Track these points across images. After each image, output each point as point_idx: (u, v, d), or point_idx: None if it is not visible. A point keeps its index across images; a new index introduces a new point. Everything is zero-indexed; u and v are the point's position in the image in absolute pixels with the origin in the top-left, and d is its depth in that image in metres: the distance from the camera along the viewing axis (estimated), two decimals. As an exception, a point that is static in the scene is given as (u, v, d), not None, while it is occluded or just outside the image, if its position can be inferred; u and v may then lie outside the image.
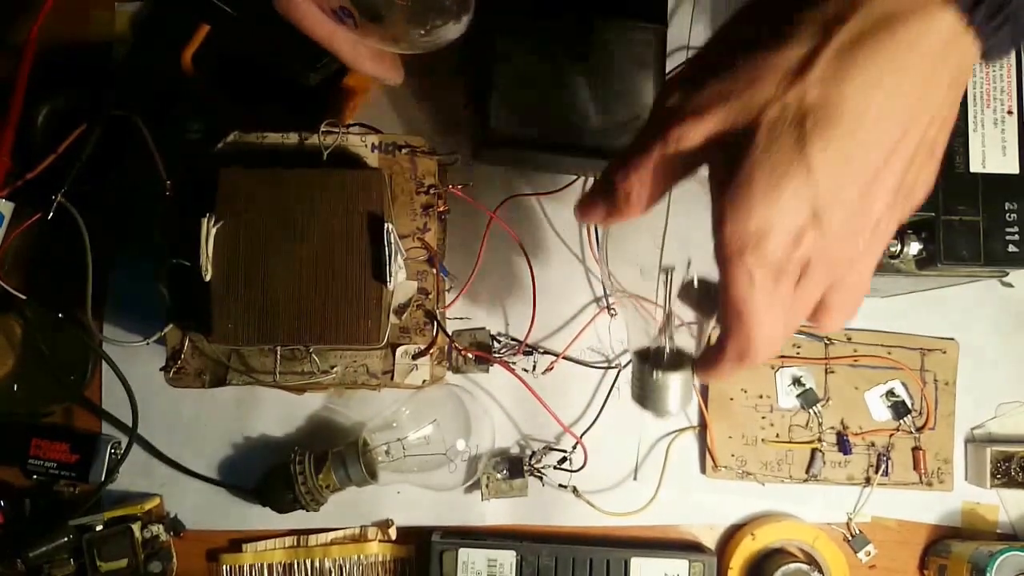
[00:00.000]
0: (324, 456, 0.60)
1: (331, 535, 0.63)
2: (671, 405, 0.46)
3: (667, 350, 0.47)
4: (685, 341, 0.47)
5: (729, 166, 0.34)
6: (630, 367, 0.51)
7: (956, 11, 0.31)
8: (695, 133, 0.35)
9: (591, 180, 0.64)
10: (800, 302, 0.35)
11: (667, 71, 0.61)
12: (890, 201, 0.34)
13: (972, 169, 0.50)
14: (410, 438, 0.60)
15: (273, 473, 0.61)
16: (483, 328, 0.64)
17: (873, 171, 0.33)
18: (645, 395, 0.47)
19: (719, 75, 0.34)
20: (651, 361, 0.47)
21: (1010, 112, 0.51)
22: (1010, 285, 0.65)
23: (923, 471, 0.64)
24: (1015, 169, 0.50)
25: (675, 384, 0.46)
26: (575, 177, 0.64)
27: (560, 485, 0.63)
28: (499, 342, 0.63)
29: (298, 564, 0.63)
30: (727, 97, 0.34)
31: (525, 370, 0.63)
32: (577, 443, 0.62)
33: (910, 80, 0.32)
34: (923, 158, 0.34)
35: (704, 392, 0.64)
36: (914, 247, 0.51)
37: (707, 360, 0.40)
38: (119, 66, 0.66)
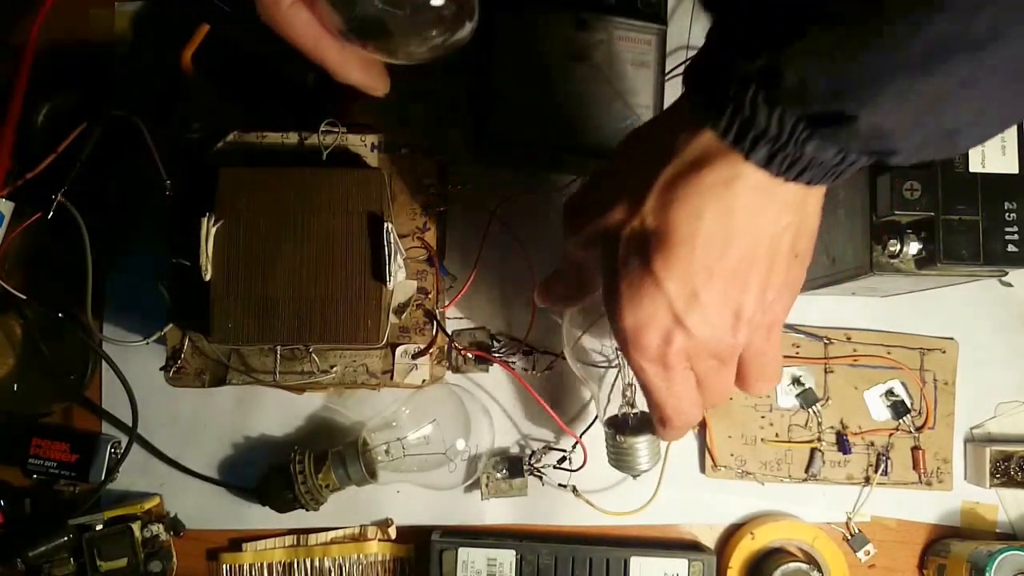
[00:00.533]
0: (324, 456, 0.60)
1: (331, 534, 0.63)
2: (642, 465, 0.56)
3: (631, 417, 0.56)
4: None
5: (606, 279, 0.41)
6: (603, 435, 0.58)
7: (755, 166, 0.35)
8: (574, 248, 0.44)
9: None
10: (709, 381, 0.42)
11: (667, 71, 0.61)
12: (759, 300, 0.39)
13: (972, 169, 0.50)
14: (410, 438, 0.60)
15: (273, 472, 0.61)
16: (483, 328, 0.64)
17: (722, 281, 0.38)
18: (618, 458, 0.56)
19: (591, 202, 0.42)
20: (618, 428, 0.56)
21: (1009, 112, 0.51)
22: (1009, 284, 0.65)
23: (922, 471, 0.64)
24: (1015, 169, 0.50)
25: (642, 446, 0.55)
26: (575, 177, 0.64)
27: (560, 484, 0.63)
28: (498, 342, 0.63)
29: (298, 563, 0.63)
30: (592, 221, 0.41)
31: (525, 370, 0.63)
32: (577, 442, 0.62)
33: (735, 208, 0.36)
34: (784, 263, 0.39)
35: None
36: (914, 247, 0.51)
37: (652, 426, 0.49)
38: (119, 66, 0.66)
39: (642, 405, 0.56)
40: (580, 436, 0.62)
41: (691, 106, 0.36)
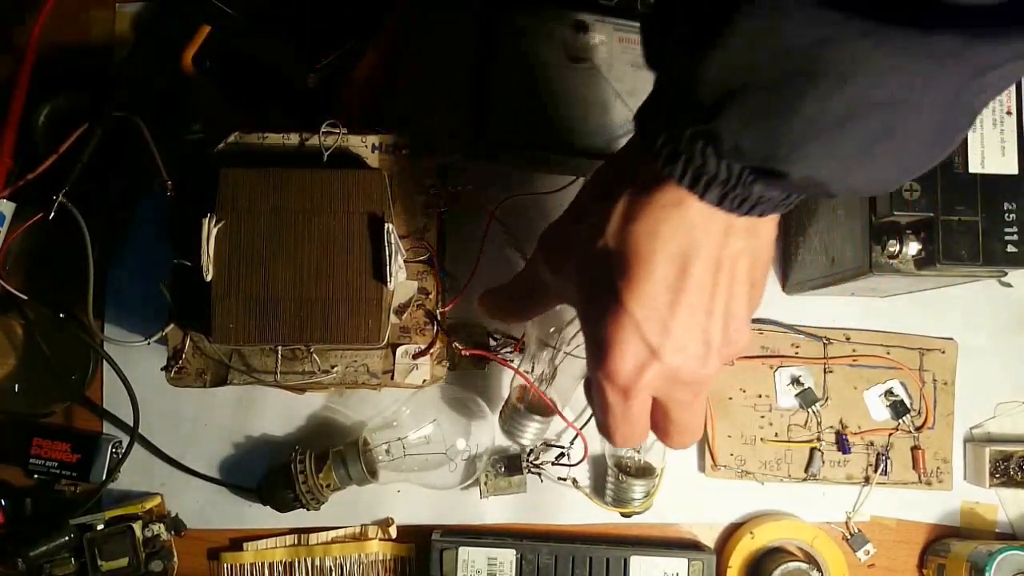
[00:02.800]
0: (325, 455, 0.60)
1: (332, 534, 0.64)
2: (635, 502, 0.61)
3: (638, 462, 0.62)
4: (654, 456, 0.62)
5: (580, 304, 0.42)
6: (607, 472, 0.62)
7: (699, 200, 0.37)
8: (542, 271, 0.45)
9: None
10: (679, 415, 0.43)
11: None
12: (724, 329, 0.40)
13: (971, 169, 0.50)
14: (410, 437, 0.60)
15: (274, 472, 0.61)
16: (479, 326, 0.64)
17: (687, 308, 0.39)
18: (618, 495, 0.61)
19: (562, 230, 0.44)
20: (623, 469, 0.61)
21: (1009, 112, 0.51)
22: (1009, 285, 0.65)
23: (922, 470, 0.64)
24: (1014, 170, 0.51)
25: (638, 487, 0.61)
26: (574, 177, 0.64)
27: (559, 478, 0.63)
28: (496, 340, 0.63)
29: (299, 563, 0.63)
30: (565, 246, 0.43)
31: (526, 370, 0.63)
32: (577, 435, 0.62)
33: (690, 227, 0.38)
34: (743, 291, 0.40)
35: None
36: (913, 247, 0.51)
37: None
38: (120, 67, 0.66)
39: (648, 456, 0.62)
40: (580, 428, 0.62)
41: (644, 148, 0.38)
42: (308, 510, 0.60)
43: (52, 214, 0.58)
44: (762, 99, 0.33)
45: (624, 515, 0.62)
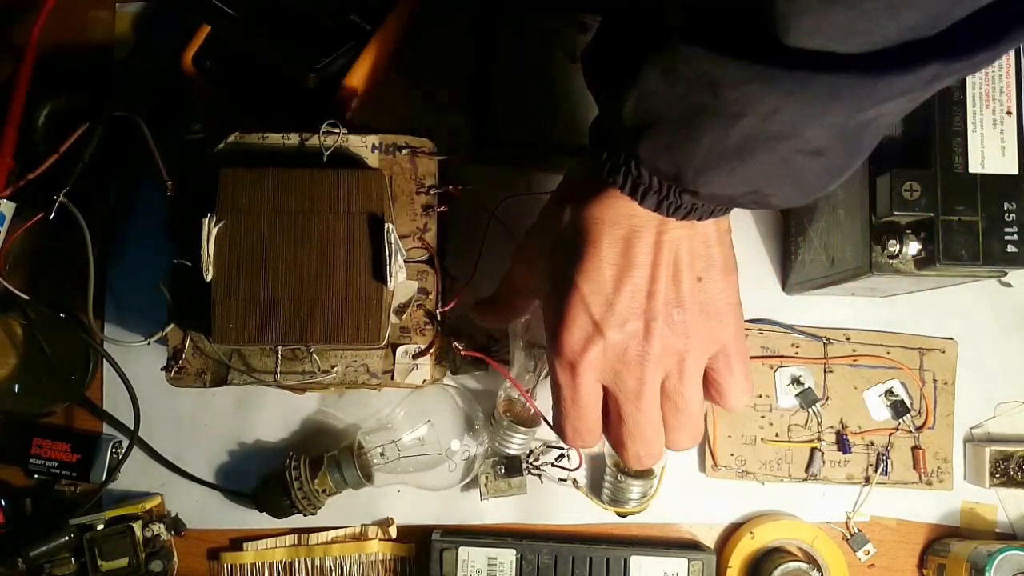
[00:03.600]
0: (319, 460, 0.60)
1: (331, 534, 0.64)
2: (632, 503, 0.62)
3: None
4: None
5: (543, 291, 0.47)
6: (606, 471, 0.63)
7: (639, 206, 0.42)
8: (520, 273, 0.52)
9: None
10: (627, 411, 0.45)
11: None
12: (667, 312, 0.43)
13: (971, 169, 0.50)
14: (405, 439, 0.60)
15: (269, 479, 0.61)
16: (479, 328, 0.64)
17: (631, 287, 0.43)
18: (615, 494, 0.62)
19: (534, 231, 0.49)
20: (621, 469, 0.62)
21: (1009, 112, 0.51)
22: (1009, 285, 0.65)
23: (922, 470, 0.64)
24: (1014, 169, 0.51)
25: (636, 488, 0.62)
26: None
27: (559, 479, 0.63)
28: (496, 341, 0.63)
29: (299, 563, 0.63)
30: (534, 245, 0.49)
31: (527, 370, 0.63)
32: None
33: (627, 215, 0.42)
34: (688, 280, 0.44)
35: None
36: (913, 247, 0.51)
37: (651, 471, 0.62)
38: (120, 67, 0.66)
39: None
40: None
41: (593, 160, 0.43)
42: (305, 515, 0.60)
43: (53, 214, 0.58)
44: (670, 131, 0.38)
45: (620, 515, 0.62)
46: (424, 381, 0.55)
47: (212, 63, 0.61)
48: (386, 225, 0.51)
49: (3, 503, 0.63)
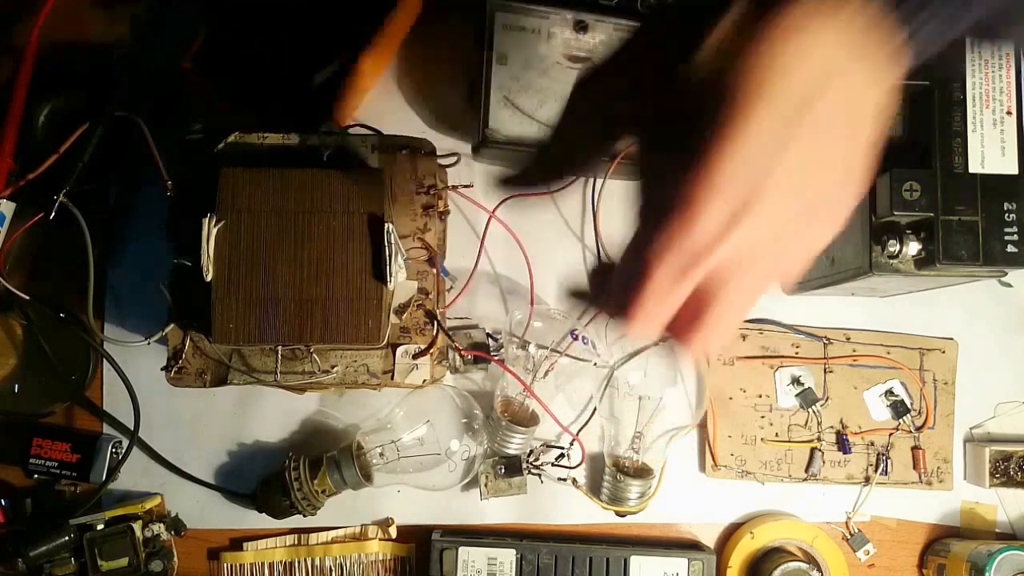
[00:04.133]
0: (319, 461, 0.60)
1: (331, 534, 0.64)
2: (631, 502, 0.61)
3: (636, 462, 0.62)
4: (652, 457, 0.62)
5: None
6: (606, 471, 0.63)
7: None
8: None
9: (597, 181, 0.64)
10: (727, 294, 0.33)
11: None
12: (832, 191, 0.32)
13: (971, 170, 0.50)
14: (404, 440, 0.60)
15: (268, 480, 0.61)
16: (478, 327, 0.64)
17: (798, 153, 0.30)
18: (614, 493, 0.61)
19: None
20: (620, 469, 0.61)
21: (1009, 113, 0.51)
22: (1009, 285, 0.65)
23: (922, 470, 0.64)
24: (1014, 170, 0.51)
25: (634, 487, 0.61)
26: (573, 177, 0.64)
27: (559, 479, 0.63)
28: (495, 340, 0.63)
29: (299, 563, 0.63)
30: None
31: (527, 370, 0.63)
32: (574, 440, 0.62)
33: (838, 42, 0.30)
34: (862, 152, 0.32)
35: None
36: (913, 247, 0.51)
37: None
38: (121, 66, 0.66)
39: (646, 457, 0.62)
40: (576, 434, 0.63)
41: None
42: (304, 516, 0.60)
43: (53, 214, 0.58)
44: None
45: (619, 515, 0.62)
46: (424, 381, 0.55)
47: (214, 62, 0.61)
48: (386, 225, 0.51)
49: (3, 503, 0.63)
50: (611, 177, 0.63)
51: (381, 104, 0.65)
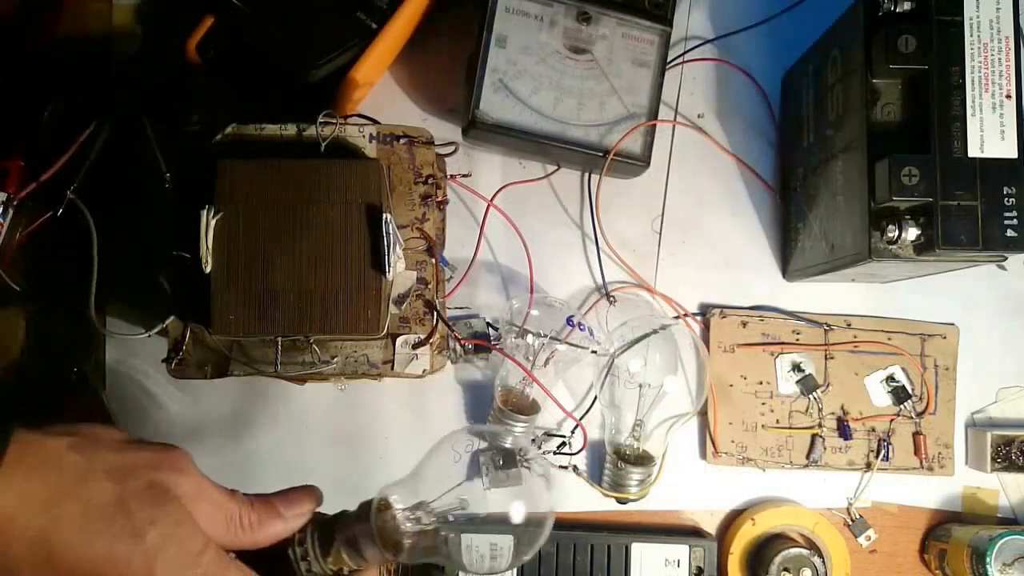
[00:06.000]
0: (330, 532, 0.45)
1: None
2: (632, 489, 0.62)
3: (636, 450, 0.62)
4: (653, 445, 0.62)
5: None
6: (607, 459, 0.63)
7: None
8: None
9: (586, 175, 0.64)
10: None
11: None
12: None
13: (970, 154, 0.50)
14: (443, 500, 0.48)
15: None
16: (478, 316, 0.64)
17: None
18: (615, 480, 0.62)
19: None
20: (621, 456, 0.61)
21: (1008, 96, 0.51)
22: (1004, 268, 0.65)
23: (924, 456, 0.64)
24: (1013, 154, 0.50)
25: (635, 475, 0.61)
26: (557, 166, 0.64)
27: (560, 466, 0.63)
28: (495, 329, 0.63)
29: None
30: None
31: (528, 358, 0.63)
32: (577, 425, 0.62)
33: None
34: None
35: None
36: (912, 232, 0.51)
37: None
38: (118, 60, 0.66)
39: (646, 444, 0.62)
40: (580, 419, 0.63)
41: None
42: None
43: (60, 211, 0.58)
44: None
45: (620, 502, 0.62)
46: (424, 371, 0.55)
47: (216, 54, 0.61)
48: (384, 215, 0.51)
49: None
50: (606, 175, 0.63)
51: (379, 94, 0.65)
